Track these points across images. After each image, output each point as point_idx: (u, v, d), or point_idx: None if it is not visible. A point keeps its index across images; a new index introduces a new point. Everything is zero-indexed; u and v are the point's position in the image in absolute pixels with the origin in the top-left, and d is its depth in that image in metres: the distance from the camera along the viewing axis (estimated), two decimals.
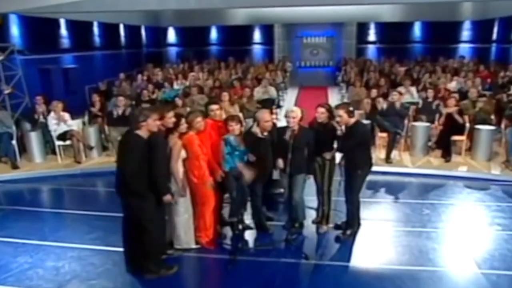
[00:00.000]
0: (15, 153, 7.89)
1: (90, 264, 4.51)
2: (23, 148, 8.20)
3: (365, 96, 9.73)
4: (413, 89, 10.39)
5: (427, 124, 8.24)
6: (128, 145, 3.91)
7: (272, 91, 11.34)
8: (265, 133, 4.80)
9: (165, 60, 19.67)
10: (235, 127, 4.71)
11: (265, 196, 5.21)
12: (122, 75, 12.57)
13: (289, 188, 5.01)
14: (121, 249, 4.34)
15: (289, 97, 14.58)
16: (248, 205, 5.13)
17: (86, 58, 14.05)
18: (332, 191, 5.15)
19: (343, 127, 4.74)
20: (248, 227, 5.25)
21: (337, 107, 4.84)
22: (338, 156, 5.13)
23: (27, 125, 8.56)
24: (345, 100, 11.64)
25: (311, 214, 5.40)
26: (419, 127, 8.16)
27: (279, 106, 12.40)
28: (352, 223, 5.07)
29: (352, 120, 4.75)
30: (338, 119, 4.69)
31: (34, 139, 8.00)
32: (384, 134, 8.10)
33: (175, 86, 12.37)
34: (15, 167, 7.64)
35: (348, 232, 5.04)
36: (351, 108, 4.80)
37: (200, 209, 4.76)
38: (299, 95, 15.31)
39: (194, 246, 4.75)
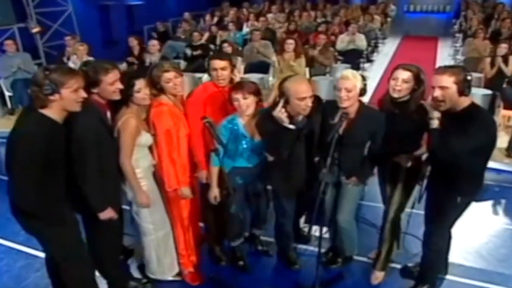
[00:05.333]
0: None
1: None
2: None
3: (489, 52, 6.89)
4: None
5: None
6: (23, 139, 2.12)
7: (361, 40, 8.88)
8: (299, 118, 2.78)
9: None
10: (244, 103, 2.77)
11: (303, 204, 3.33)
12: (186, 15, 10.97)
13: (334, 204, 3.06)
14: None
15: (387, 49, 11.80)
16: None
17: None
18: (402, 220, 3.07)
19: (436, 115, 2.52)
20: (266, 252, 3.47)
21: (442, 70, 2.49)
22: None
23: None
24: (459, 56, 8.74)
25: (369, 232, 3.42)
26: None
27: (369, 61, 9.93)
28: (429, 275, 2.98)
29: (465, 102, 2.48)
30: (437, 94, 2.44)
31: None
32: (510, 112, 5.47)
33: (245, 29, 10.46)
34: None
35: None
36: (468, 77, 2.44)
37: (183, 222, 3.07)
38: (400, 47, 12.39)
39: (170, 278, 3.13)
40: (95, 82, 2.43)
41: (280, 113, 2.64)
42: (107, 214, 2.53)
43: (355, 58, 8.57)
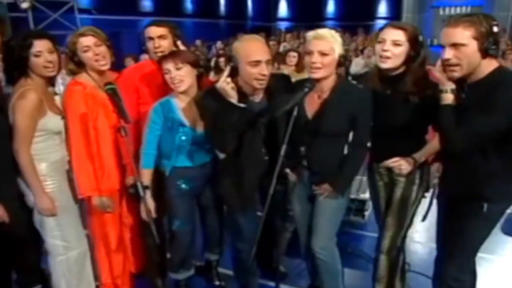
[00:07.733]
0: None
1: None
2: None
3: None
4: None
5: None
6: None
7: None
8: (256, 99, 2.06)
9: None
10: (176, 74, 2.07)
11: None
12: (198, 42, 10.70)
13: (307, 226, 2.27)
14: None
15: None
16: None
17: None
18: (404, 249, 2.24)
19: (449, 87, 1.76)
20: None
21: (454, 21, 1.68)
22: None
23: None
24: None
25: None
26: None
27: None
28: None
29: (490, 65, 1.70)
30: (448, 55, 1.69)
31: None
32: None
33: None
34: None
35: None
36: (495, 28, 1.65)
37: (109, 241, 2.35)
38: None
39: None
40: None
41: (224, 83, 1.89)
42: None
43: None
